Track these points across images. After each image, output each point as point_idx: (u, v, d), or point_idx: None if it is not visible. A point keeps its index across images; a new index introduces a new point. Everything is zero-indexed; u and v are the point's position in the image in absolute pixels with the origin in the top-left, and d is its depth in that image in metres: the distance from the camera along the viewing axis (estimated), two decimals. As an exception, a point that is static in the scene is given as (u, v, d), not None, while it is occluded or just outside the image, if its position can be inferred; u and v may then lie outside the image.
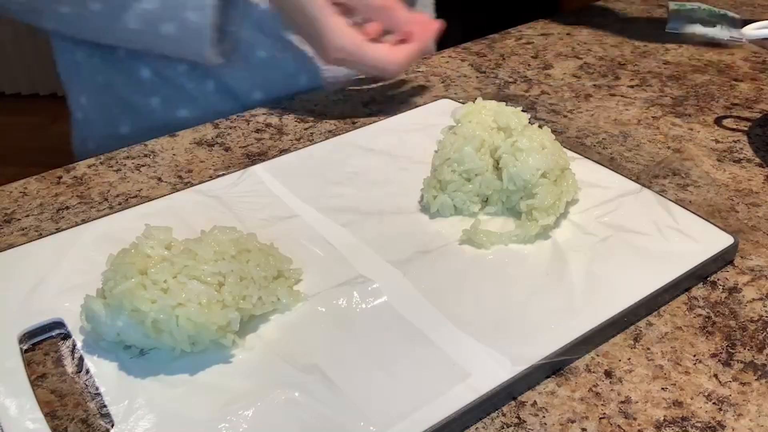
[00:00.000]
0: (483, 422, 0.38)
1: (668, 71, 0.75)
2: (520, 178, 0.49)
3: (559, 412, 0.38)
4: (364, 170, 0.56)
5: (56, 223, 0.53)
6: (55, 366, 0.41)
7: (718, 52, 0.79)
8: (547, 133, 0.51)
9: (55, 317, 0.43)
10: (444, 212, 0.51)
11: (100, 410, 0.38)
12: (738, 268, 0.48)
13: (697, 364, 0.41)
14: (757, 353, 0.42)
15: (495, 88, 0.72)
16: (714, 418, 0.38)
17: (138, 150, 0.62)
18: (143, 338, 0.40)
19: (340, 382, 0.38)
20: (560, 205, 0.49)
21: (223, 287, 0.40)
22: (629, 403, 0.39)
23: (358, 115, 0.67)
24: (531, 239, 0.48)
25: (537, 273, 0.46)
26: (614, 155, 0.60)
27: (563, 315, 0.42)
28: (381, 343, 0.41)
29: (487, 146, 0.50)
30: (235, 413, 0.37)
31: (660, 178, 0.57)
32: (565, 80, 0.73)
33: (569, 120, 0.66)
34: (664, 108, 0.68)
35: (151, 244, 0.41)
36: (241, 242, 0.43)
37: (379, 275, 0.46)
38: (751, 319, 0.44)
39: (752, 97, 0.69)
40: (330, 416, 0.37)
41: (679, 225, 0.49)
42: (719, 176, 0.57)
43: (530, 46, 0.82)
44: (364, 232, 0.49)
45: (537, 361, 0.39)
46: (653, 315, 0.44)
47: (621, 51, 0.80)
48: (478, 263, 0.47)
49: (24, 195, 0.56)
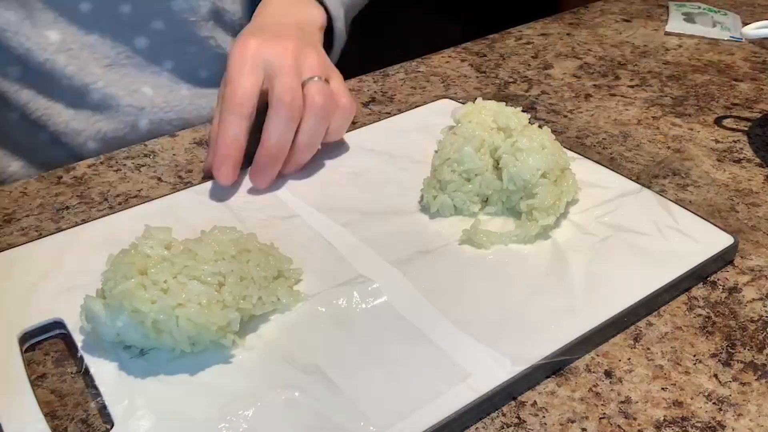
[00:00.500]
0: (483, 422, 0.38)
1: (668, 71, 0.75)
2: (520, 179, 0.49)
3: (559, 412, 0.38)
4: (364, 170, 0.56)
5: (56, 223, 0.53)
6: (55, 366, 0.41)
7: (718, 52, 0.79)
8: (547, 133, 0.51)
9: (55, 317, 0.43)
10: (444, 212, 0.51)
11: (100, 410, 0.38)
12: (738, 268, 0.48)
13: (697, 364, 0.41)
14: (757, 353, 0.42)
15: (495, 88, 0.72)
16: (714, 418, 0.38)
17: (138, 150, 0.62)
18: (143, 338, 0.40)
19: (340, 382, 0.38)
20: (560, 205, 0.49)
21: (223, 287, 0.40)
22: (629, 403, 0.39)
23: (358, 115, 0.67)
24: (531, 239, 0.48)
25: (537, 273, 0.46)
26: (614, 155, 0.60)
27: (563, 315, 0.42)
28: (381, 343, 0.41)
29: (487, 146, 0.50)
30: (235, 413, 0.37)
31: (660, 178, 0.57)
32: (565, 80, 0.73)
33: (569, 120, 0.66)
34: (664, 108, 0.68)
35: (151, 244, 0.41)
36: (241, 242, 0.43)
37: (379, 275, 0.46)
38: (751, 319, 0.44)
39: (752, 97, 0.69)
40: (330, 416, 0.37)
41: (679, 225, 0.49)
42: (719, 176, 0.57)
43: (530, 46, 0.82)
44: (364, 232, 0.49)
45: (537, 361, 0.39)
46: (653, 315, 0.44)
47: (621, 51, 0.80)
48: (478, 263, 0.47)
49: (24, 195, 0.56)
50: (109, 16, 0.65)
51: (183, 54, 0.69)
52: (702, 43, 0.81)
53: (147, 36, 0.67)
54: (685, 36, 0.83)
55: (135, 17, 0.66)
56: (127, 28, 0.66)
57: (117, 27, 0.66)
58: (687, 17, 0.86)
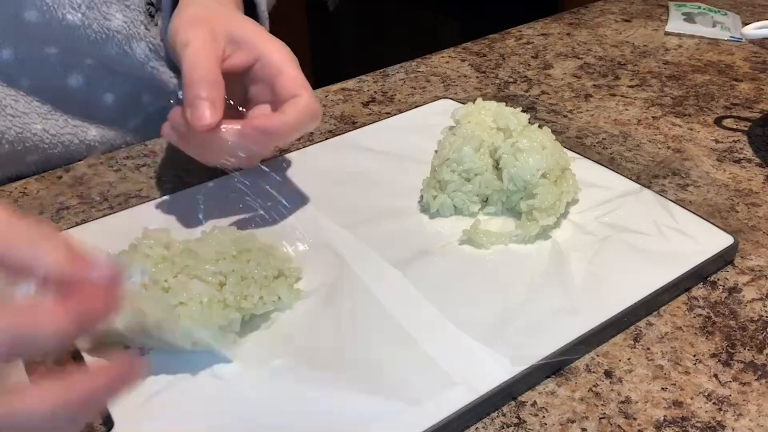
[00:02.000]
0: (483, 422, 0.38)
1: (668, 71, 0.75)
2: (520, 179, 0.49)
3: (559, 412, 0.38)
4: (364, 170, 0.56)
5: (56, 223, 0.53)
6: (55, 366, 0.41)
7: (718, 52, 0.79)
8: (547, 133, 0.51)
9: (56, 317, 0.43)
10: (444, 212, 0.51)
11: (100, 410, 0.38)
12: (738, 268, 0.48)
13: (697, 364, 0.41)
14: (757, 353, 0.42)
15: (495, 88, 0.72)
16: (714, 418, 0.38)
17: (138, 150, 0.62)
18: (145, 338, 0.40)
19: (339, 382, 0.38)
20: (560, 205, 0.49)
21: (224, 287, 0.40)
22: (629, 403, 0.39)
23: (358, 115, 0.67)
24: (531, 239, 0.48)
25: (537, 273, 0.46)
26: (614, 155, 0.60)
27: (563, 315, 0.42)
28: (380, 343, 0.41)
29: (486, 146, 0.50)
30: (235, 413, 0.37)
31: (660, 178, 0.57)
32: (565, 80, 0.73)
33: (569, 120, 0.66)
34: (664, 108, 0.68)
35: (150, 244, 0.41)
36: (241, 242, 0.43)
37: (379, 275, 0.46)
38: (751, 319, 0.44)
39: (752, 97, 0.69)
40: (330, 416, 0.37)
41: (679, 225, 0.49)
42: (719, 176, 0.57)
43: (530, 46, 0.82)
44: (364, 232, 0.49)
45: (537, 361, 0.39)
46: (653, 315, 0.44)
47: (621, 51, 0.80)
48: (478, 263, 0.47)
49: (24, 195, 0.56)
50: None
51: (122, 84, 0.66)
52: (702, 43, 0.81)
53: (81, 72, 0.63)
54: (685, 36, 0.83)
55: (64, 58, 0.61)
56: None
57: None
58: (687, 17, 0.86)
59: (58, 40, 0.60)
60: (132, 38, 0.62)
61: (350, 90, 0.71)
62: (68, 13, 0.57)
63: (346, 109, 0.68)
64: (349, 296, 0.44)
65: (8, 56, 0.59)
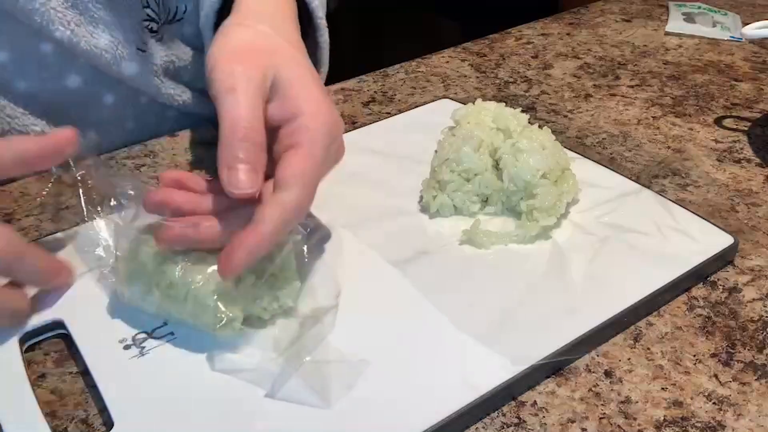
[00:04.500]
0: (483, 422, 0.38)
1: (668, 71, 0.75)
2: (520, 179, 0.49)
3: (559, 412, 0.38)
4: (364, 170, 0.56)
5: (56, 223, 0.53)
6: (55, 366, 0.41)
7: (718, 52, 0.79)
8: (547, 133, 0.51)
9: (55, 317, 0.43)
10: (444, 212, 0.51)
11: (100, 410, 0.38)
12: (738, 268, 0.48)
13: (697, 364, 0.41)
14: (757, 353, 0.42)
15: (495, 88, 0.72)
16: (714, 418, 0.38)
17: (138, 150, 0.62)
18: (151, 305, 0.41)
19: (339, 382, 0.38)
20: (561, 205, 0.49)
21: (239, 284, 0.40)
22: (629, 403, 0.39)
23: (358, 115, 0.67)
24: (531, 239, 0.48)
25: (537, 273, 0.46)
26: (614, 155, 0.60)
27: (563, 315, 0.42)
28: (380, 343, 0.41)
29: (486, 146, 0.50)
30: (235, 413, 0.37)
31: (660, 178, 0.57)
32: (565, 80, 0.73)
33: (569, 120, 0.66)
34: (664, 108, 0.68)
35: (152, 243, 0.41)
36: None
37: (379, 275, 0.46)
38: (751, 319, 0.44)
39: (752, 97, 0.69)
40: (330, 416, 0.37)
41: (679, 225, 0.49)
42: (719, 176, 0.57)
43: (530, 46, 0.82)
44: (364, 232, 0.49)
45: (537, 361, 0.39)
46: (653, 315, 0.44)
47: (621, 51, 0.80)
48: (478, 263, 0.47)
49: (24, 195, 0.56)
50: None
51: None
52: (702, 43, 0.81)
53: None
54: (685, 36, 0.83)
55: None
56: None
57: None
58: (687, 17, 0.86)
59: (55, 44, 0.60)
60: (122, 59, 0.61)
61: (350, 90, 0.71)
62: (57, 30, 0.57)
63: (346, 109, 0.68)
64: (349, 297, 0.44)
65: (4, 57, 0.59)
